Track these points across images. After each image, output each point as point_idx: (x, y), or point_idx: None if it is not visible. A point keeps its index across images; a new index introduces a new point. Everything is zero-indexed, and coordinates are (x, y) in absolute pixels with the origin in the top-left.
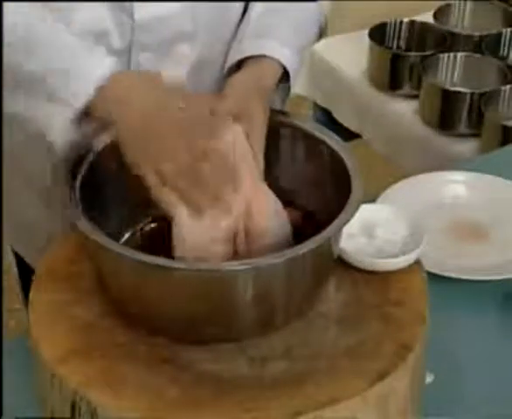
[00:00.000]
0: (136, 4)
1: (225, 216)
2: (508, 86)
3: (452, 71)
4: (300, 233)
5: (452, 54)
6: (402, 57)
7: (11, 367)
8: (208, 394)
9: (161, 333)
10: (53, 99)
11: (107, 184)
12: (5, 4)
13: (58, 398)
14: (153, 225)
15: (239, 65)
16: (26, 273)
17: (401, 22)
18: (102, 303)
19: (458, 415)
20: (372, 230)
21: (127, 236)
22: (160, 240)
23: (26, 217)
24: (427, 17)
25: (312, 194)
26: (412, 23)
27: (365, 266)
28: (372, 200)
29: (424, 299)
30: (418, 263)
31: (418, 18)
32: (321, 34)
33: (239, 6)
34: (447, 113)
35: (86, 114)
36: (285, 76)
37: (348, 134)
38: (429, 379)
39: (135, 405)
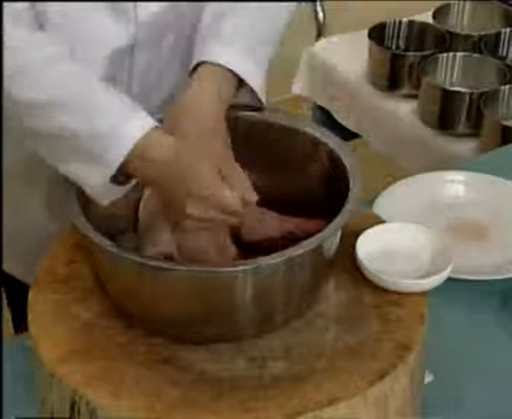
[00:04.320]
0: (139, 6)
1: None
2: (507, 86)
3: (451, 70)
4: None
5: (451, 54)
6: (401, 57)
7: (11, 368)
8: (208, 395)
9: (160, 333)
10: (89, 160)
11: None
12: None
13: (57, 398)
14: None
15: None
16: (16, 296)
17: (400, 22)
18: (102, 303)
19: (458, 415)
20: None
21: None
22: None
23: (25, 220)
24: (426, 17)
25: (311, 194)
26: (412, 23)
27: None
28: (371, 200)
29: (424, 299)
30: None
31: (418, 18)
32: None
33: None
34: (447, 113)
35: (123, 173)
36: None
37: (347, 134)
38: (429, 379)
39: (135, 405)
